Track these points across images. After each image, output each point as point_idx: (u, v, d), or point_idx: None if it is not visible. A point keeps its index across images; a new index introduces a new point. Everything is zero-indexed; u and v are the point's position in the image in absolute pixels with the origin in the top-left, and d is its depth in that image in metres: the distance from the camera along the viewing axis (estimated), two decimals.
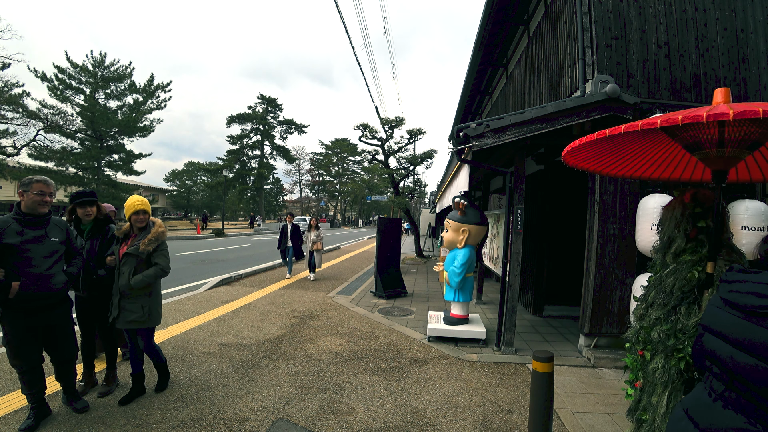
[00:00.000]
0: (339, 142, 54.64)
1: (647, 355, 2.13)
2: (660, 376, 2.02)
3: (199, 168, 45.28)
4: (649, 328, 2.09)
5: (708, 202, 2.12)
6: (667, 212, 2.23)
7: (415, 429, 2.64)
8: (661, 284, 2.15)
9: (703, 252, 2.04)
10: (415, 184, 18.71)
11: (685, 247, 2.11)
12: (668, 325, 2.01)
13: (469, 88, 10.82)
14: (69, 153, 21.29)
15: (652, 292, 2.21)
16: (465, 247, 4.47)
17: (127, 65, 23.11)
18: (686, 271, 2.03)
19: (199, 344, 4.10)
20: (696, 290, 2.01)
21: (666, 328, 2.01)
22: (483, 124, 3.87)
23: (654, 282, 2.22)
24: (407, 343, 4.47)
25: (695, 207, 2.13)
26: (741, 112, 1.40)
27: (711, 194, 2.12)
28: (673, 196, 2.77)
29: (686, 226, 2.12)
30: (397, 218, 9.24)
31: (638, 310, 2.24)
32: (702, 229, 2.10)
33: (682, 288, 2.03)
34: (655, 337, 2.06)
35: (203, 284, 7.51)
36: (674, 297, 2.05)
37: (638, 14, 4.15)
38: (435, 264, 7.32)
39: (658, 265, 2.26)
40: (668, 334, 2.00)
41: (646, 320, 2.14)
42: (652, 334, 2.07)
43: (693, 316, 1.97)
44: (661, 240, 2.19)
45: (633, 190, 4.04)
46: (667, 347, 2.00)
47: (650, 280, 2.32)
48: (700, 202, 2.14)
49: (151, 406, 2.77)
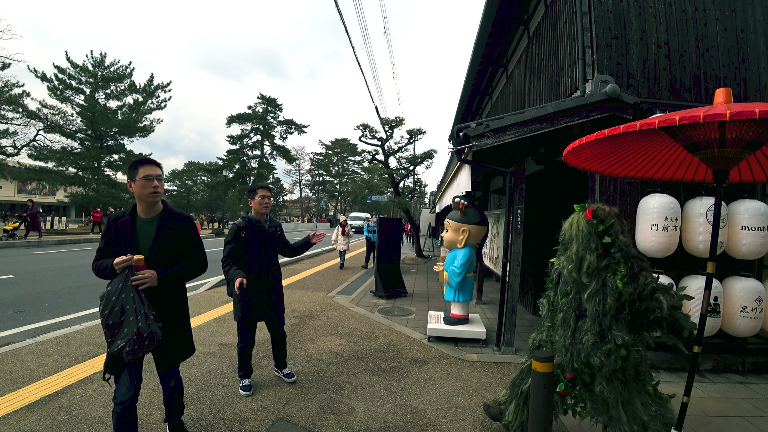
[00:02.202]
0: (339, 142, 54.63)
1: (586, 378, 2.16)
2: (609, 393, 2.08)
3: (199, 168, 45.30)
4: (588, 355, 2.10)
5: (609, 218, 2.13)
6: (569, 230, 2.21)
7: (415, 429, 2.64)
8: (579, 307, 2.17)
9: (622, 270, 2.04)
10: (415, 184, 18.72)
11: (599, 264, 2.11)
12: (607, 346, 2.04)
13: (469, 88, 10.82)
14: (69, 153, 21.30)
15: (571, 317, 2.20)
16: (465, 247, 4.46)
17: (127, 65, 23.13)
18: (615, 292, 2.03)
19: (199, 344, 4.10)
20: (626, 305, 2.04)
21: (606, 349, 2.05)
22: (483, 124, 3.87)
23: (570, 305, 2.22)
24: (407, 343, 4.47)
25: (598, 224, 2.13)
26: (738, 112, 1.40)
27: (611, 210, 2.15)
28: (669, 193, 2.78)
29: (594, 243, 2.12)
30: (397, 218, 9.24)
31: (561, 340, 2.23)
32: (609, 245, 2.11)
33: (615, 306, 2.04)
34: (596, 361, 2.07)
35: (203, 284, 7.51)
36: (608, 318, 2.06)
37: (638, 14, 4.15)
38: (435, 264, 7.32)
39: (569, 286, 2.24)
40: (608, 353, 2.04)
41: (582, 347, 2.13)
42: (592, 360, 2.08)
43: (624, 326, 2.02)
44: (570, 260, 2.17)
45: (633, 190, 4.04)
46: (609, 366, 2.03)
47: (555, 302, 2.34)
48: (602, 219, 2.14)
49: (151, 406, 2.77)
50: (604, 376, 2.08)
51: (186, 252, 2.17)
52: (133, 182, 2.03)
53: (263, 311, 3.09)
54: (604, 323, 2.07)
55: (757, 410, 3.07)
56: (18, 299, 5.85)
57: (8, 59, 17.62)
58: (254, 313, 3.05)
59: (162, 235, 2.05)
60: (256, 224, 3.06)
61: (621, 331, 2.02)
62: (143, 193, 2.03)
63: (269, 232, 3.13)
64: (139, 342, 1.81)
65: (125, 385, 1.97)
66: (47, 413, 2.61)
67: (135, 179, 2.02)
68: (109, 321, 1.82)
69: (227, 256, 2.96)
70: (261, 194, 3.07)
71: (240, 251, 3.00)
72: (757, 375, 3.79)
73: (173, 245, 2.10)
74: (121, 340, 1.80)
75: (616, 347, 2.01)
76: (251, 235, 3.03)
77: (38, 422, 2.49)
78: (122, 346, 1.79)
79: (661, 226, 3.28)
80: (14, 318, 4.97)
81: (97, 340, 4.03)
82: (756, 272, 3.82)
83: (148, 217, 2.09)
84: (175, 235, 2.12)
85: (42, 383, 3.02)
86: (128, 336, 1.80)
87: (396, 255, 7.60)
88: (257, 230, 3.06)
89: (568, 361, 2.20)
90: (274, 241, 3.18)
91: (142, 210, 2.08)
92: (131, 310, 1.83)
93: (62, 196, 22.86)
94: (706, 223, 3.24)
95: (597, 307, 2.07)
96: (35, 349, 3.71)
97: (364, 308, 6.08)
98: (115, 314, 1.81)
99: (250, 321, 3.08)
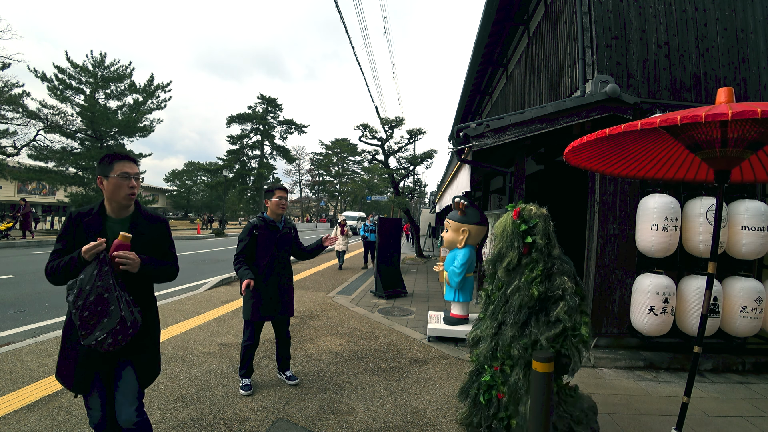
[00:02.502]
0: (339, 142, 54.62)
1: (506, 369, 2.27)
2: (522, 385, 2.19)
3: (199, 168, 45.28)
4: (508, 346, 2.23)
5: (533, 218, 2.24)
6: (498, 228, 2.33)
7: (415, 429, 2.64)
8: (507, 303, 2.29)
9: (538, 269, 2.18)
10: (415, 184, 18.74)
11: (520, 263, 2.24)
12: (524, 340, 2.17)
13: (469, 88, 10.82)
14: (69, 153, 21.28)
15: (500, 309, 2.33)
16: (465, 247, 4.46)
17: (127, 65, 23.11)
18: (527, 289, 2.17)
19: (199, 344, 4.09)
20: (538, 303, 2.17)
21: (522, 342, 2.17)
22: (483, 124, 3.87)
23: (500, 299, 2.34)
24: (407, 343, 4.47)
25: (521, 224, 2.24)
26: (739, 112, 1.40)
27: (538, 211, 2.26)
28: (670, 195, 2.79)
29: (517, 242, 2.23)
30: (397, 218, 9.24)
31: (488, 329, 2.36)
32: (532, 245, 2.22)
33: (528, 303, 2.18)
34: (515, 353, 2.20)
35: (203, 284, 7.51)
36: (522, 313, 2.20)
37: (638, 14, 4.15)
38: (435, 264, 7.32)
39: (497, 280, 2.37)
40: (525, 347, 2.16)
41: (502, 338, 2.27)
42: (511, 351, 2.21)
43: (543, 325, 2.14)
44: (493, 253, 2.31)
45: (633, 190, 4.04)
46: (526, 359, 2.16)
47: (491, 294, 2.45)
48: (526, 219, 2.25)
49: (151, 406, 2.77)
50: (521, 367, 2.19)
51: (161, 256, 1.94)
52: (105, 179, 1.76)
53: (273, 311, 3.10)
54: (520, 318, 2.20)
55: (757, 410, 3.07)
56: (18, 299, 5.85)
57: (8, 59, 17.63)
58: (264, 312, 3.06)
59: (136, 238, 1.79)
60: (271, 224, 3.10)
61: (536, 327, 2.15)
62: (118, 194, 1.78)
63: (283, 232, 3.16)
64: (123, 332, 1.65)
65: (96, 408, 1.76)
66: (47, 413, 2.60)
67: (108, 176, 1.75)
68: (85, 312, 1.60)
69: (239, 252, 3.01)
70: (279, 195, 3.10)
71: (252, 249, 3.03)
72: (757, 375, 3.78)
73: (147, 249, 1.85)
74: (100, 331, 1.61)
75: (532, 342, 2.14)
76: (265, 234, 3.06)
77: (38, 422, 2.49)
78: (102, 338, 1.61)
79: (661, 226, 3.28)
80: (14, 318, 4.97)
81: None
82: (756, 272, 3.83)
83: (120, 217, 1.84)
84: (149, 238, 1.89)
85: (42, 383, 3.02)
86: (110, 326, 1.62)
87: (396, 255, 7.60)
88: (271, 230, 3.09)
89: (492, 349, 2.32)
90: (288, 242, 3.20)
91: (113, 210, 1.83)
92: (112, 299, 1.63)
93: (62, 196, 22.83)
94: (706, 223, 3.24)
95: (517, 302, 2.20)
96: (35, 349, 3.70)
97: (364, 308, 6.08)
98: (91, 304, 1.61)
99: (259, 320, 3.10)
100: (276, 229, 3.12)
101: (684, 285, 3.42)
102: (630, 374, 3.71)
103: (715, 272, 2.09)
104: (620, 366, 3.87)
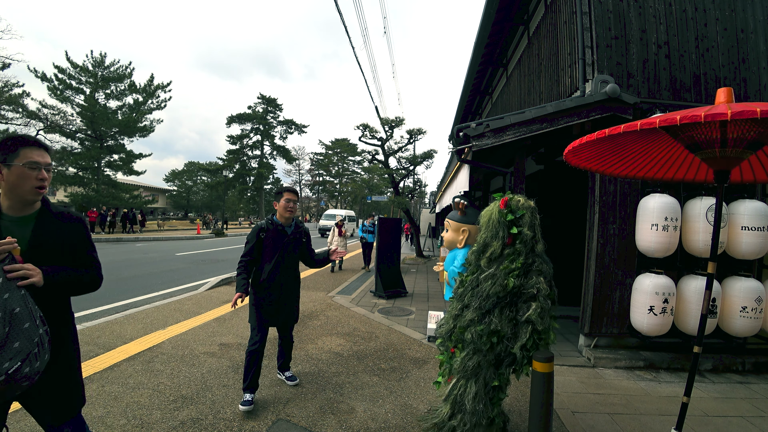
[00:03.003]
0: (339, 142, 54.64)
1: (458, 352, 2.29)
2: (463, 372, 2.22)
3: (199, 168, 45.30)
4: (463, 329, 2.23)
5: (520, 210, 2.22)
6: (484, 217, 2.33)
7: (415, 429, 2.64)
8: (477, 287, 2.27)
9: (518, 262, 2.15)
10: (415, 184, 18.73)
11: (502, 253, 2.21)
12: (482, 326, 2.16)
13: (469, 87, 10.82)
14: (69, 153, 21.32)
15: (468, 293, 2.32)
16: (465, 247, 4.45)
17: (127, 65, 23.13)
18: (503, 279, 2.15)
19: (199, 344, 4.10)
20: (509, 296, 2.14)
21: (479, 329, 2.16)
22: (483, 124, 3.87)
23: (470, 283, 2.34)
24: (407, 343, 4.47)
25: (507, 213, 2.21)
26: (739, 112, 1.40)
27: (526, 203, 2.24)
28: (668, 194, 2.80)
29: (502, 232, 2.21)
30: (397, 218, 9.24)
31: (453, 310, 2.37)
32: (516, 236, 2.19)
33: (498, 293, 2.15)
34: (468, 337, 2.20)
35: (203, 284, 7.51)
36: (489, 301, 2.17)
37: (638, 14, 4.15)
38: (435, 264, 7.31)
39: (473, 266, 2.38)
40: (481, 334, 2.15)
41: (461, 321, 2.27)
42: (465, 334, 2.22)
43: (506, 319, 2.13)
44: (478, 243, 2.29)
45: (633, 190, 4.04)
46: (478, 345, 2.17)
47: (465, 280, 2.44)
48: (513, 209, 2.22)
49: (151, 406, 2.77)
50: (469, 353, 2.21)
51: (77, 262, 1.57)
52: (6, 167, 1.40)
53: (276, 318, 2.99)
54: (485, 305, 2.17)
55: (757, 410, 3.07)
56: None
57: (8, 59, 17.64)
58: (266, 316, 2.94)
59: (40, 242, 1.46)
60: (279, 227, 2.98)
61: (498, 319, 2.13)
62: (22, 187, 1.43)
63: (292, 238, 3.02)
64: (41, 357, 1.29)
65: None
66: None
67: (11, 164, 1.40)
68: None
69: (244, 254, 2.93)
70: (287, 197, 2.97)
71: (258, 252, 2.94)
72: (757, 375, 3.79)
73: (56, 254, 1.49)
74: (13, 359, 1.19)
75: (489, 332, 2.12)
76: (271, 237, 2.93)
77: None
78: (17, 367, 1.20)
79: (661, 226, 3.28)
80: None
81: (98, 340, 4.03)
82: (756, 272, 3.82)
83: (20, 215, 1.47)
84: (61, 241, 1.52)
85: None
86: (24, 351, 1.22)
87: (396, 255, 7.60)
88: (279, 233, 2.96)
89: (449, 330, 2.33)
90: (296, 247, 3.06)
91: (11, 206, 1.46)
92: (24, 315, 1.25)
93: (62, 196, 22.86)
94: (706, 223, 3.24)
95: (486, 290, 2.18)
96: None
97: (364, 308, 6.08)
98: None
99: (263, 326, 2.96)
100: (284, 233, 2.99)
101: (684, 285, 3.42)
102: (630, 374, 3.71)
103: (714, 272, 2.09)
104: (620, 366, 3.87)
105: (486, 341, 2.14)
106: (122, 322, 4.69)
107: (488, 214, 2.29)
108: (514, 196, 2.26)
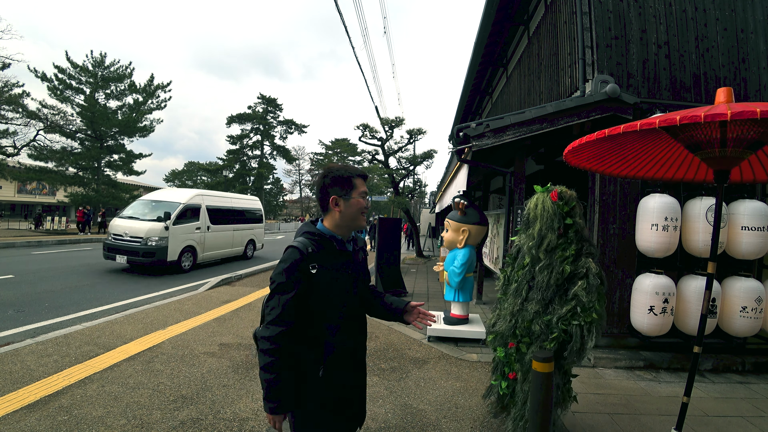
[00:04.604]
0: (339, 142, 54.48)
1: (522, 347, 2.32)
2: None
3: (198, 168, 45.25)
4: (530, 322, 2.28)
5: (571, 200, 2.28)
6: (534, 210, 2.35)
7: (415, 429, 2.64)
8: (532, 279, 2.34)
9: (572, 249, 2.23)
10: (415, 184, 18.74)
11: (557, 243, 2.26)
12: (548, 317, 2.21)
13: (469, 88, 10.83)
14: (69, 153, 21.29)
15: (524, 287, 2.37)
16: (465, 247, 4.46)
17: (127, 65, 23.12)
18: (559, 267, 2.22)
19: (199, 344, 4.10)
20: (565, 283, 2.22)
21: (546, 319, 2.21)
22: (483, 124, 3.87)
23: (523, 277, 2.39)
24: (407, 343, 4.47)
25: (563, 206, 2.27)
26: (739, 112, 1.40)
27: (572, 193, 2.30)
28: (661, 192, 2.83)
29: (557, 223, 2.26)
30: (397, 218, 9.24)
31: (510, 307, 2.40)
32: (569, 226, 2.26)
33: (557, 282, 2.22)
34: (536, 329, 2.25)
35: (203, 284, 7.51)
36: (550, 291, 2.25)
37: (638, 14, 4.15)
38: (435, 264, 7.32)
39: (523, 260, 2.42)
40: (548, 324, 2.21)
41: (523, 315, 2.32)
42: (533, 326, 2.26)
43: (565, 303, 2.18)
44: (531, 237, 2.33)
45: (633, 190, 4.04)
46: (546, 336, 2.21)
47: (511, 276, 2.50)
48: (566, 201, 2.28)
49: (151, 406, 2.77)
50: (538, 345, 2.24)
51: None
52: None
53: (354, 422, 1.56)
54: (547, 295, 2.24)
55: (757, 410, 3.07)
56: (18, 299, 5.85)
57: (8, 59, 17.64)
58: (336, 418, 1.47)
59: None
60: (339, 246, 1.49)
61: (559, 304, 2.20)
62: None
63: (359, 258, 1.60)
64: None
65: None
66: (47, 413, 2.60)
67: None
68: None
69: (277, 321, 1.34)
70: (362, 190, 1.48)
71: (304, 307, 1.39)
72: (757, 375, 3.79)
73: None
74: None
75: (556, 320, 2.17)
76: (333, 269, 1.44)
77: (38, 422, 2.49)
78: None
79: (661, 226, 3.28)
80: (14, 318, 4.97)
81: (98, 340, 4.03)
82: (756, 272, 3.82)
83: None
84: None
85: (42, 383, 3.02)
86: None
87: (396, 254, 7.60)
88: (342, 260, 1.49)
89: (511, 327, 2.35)
90: (365, 274, 1.65)
91: None
92: None
93: (62, 196, 22.83)
94: (706, 223, 3.24)
95: (545, 280, 2.24)
96: (35, 349, 3.70)
97: None
98: None
99: None
100: (347, 255, 1.52)
101: (684, 285, 3.42)
102: (630, 374, 3.71)
103: (714, 272, 2.09)
104: (620, 366, 3.87)
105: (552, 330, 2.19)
106: (122, 322, 4.69)
107: (540, 206, 2.31)
108: (563, 188, 2.31)
